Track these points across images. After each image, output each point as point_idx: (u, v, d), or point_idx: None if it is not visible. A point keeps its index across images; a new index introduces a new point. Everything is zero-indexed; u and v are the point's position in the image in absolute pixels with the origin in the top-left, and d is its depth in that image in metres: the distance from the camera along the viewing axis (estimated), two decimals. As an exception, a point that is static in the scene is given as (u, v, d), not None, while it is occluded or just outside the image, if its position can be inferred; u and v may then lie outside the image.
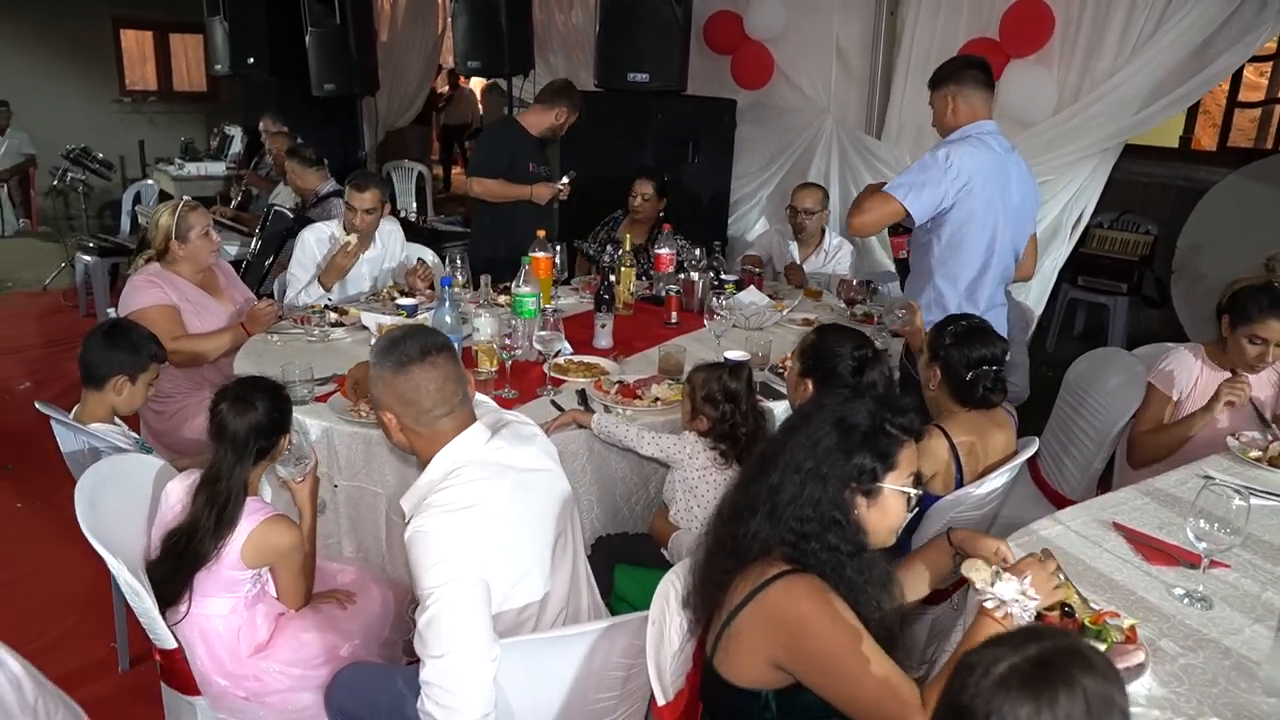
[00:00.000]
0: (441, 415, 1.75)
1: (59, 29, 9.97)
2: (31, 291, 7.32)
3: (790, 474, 1.51)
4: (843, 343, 2.28)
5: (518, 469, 1.78)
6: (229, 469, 1.97)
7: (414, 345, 1.74)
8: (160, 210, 3.18)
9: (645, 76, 4.92)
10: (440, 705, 1.55)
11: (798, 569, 1.47)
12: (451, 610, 1.57)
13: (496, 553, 1.68)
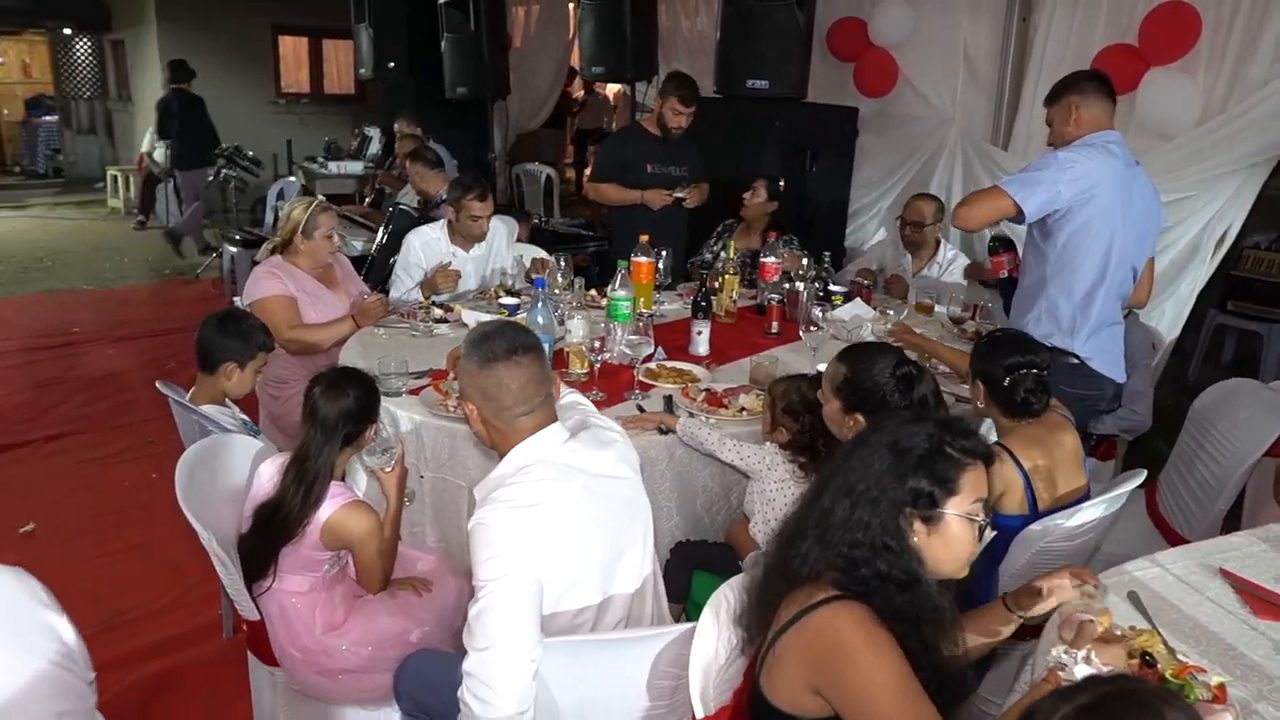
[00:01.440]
0: (521, 414, 1.77)
1: (225, 36, 10.68)
2: (185, 279, 7.87)
3: (841, 497, 1.48)
4: (878, 365, 2.12)
5: (590, 473, 1.79)
6: (317, 449, 2.06)
7: (502, 343, 1.77)
8: (295, 204, 3.36)
9: (764, 83, 4.88)
10: (477, 697, 1.58)
11: (847, 595, 1.43)
12: (500, 606, 1.59)
13: (555, 554, 1.69)
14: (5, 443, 4.45)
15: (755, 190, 4.35)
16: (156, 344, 5.98)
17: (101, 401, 5.02)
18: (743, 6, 4.86)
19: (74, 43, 12.74)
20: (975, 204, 2.80)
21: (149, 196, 9.91)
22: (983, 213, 2.79)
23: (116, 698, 2.66)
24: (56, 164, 13.10)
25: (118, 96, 12.59)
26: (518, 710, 1.57)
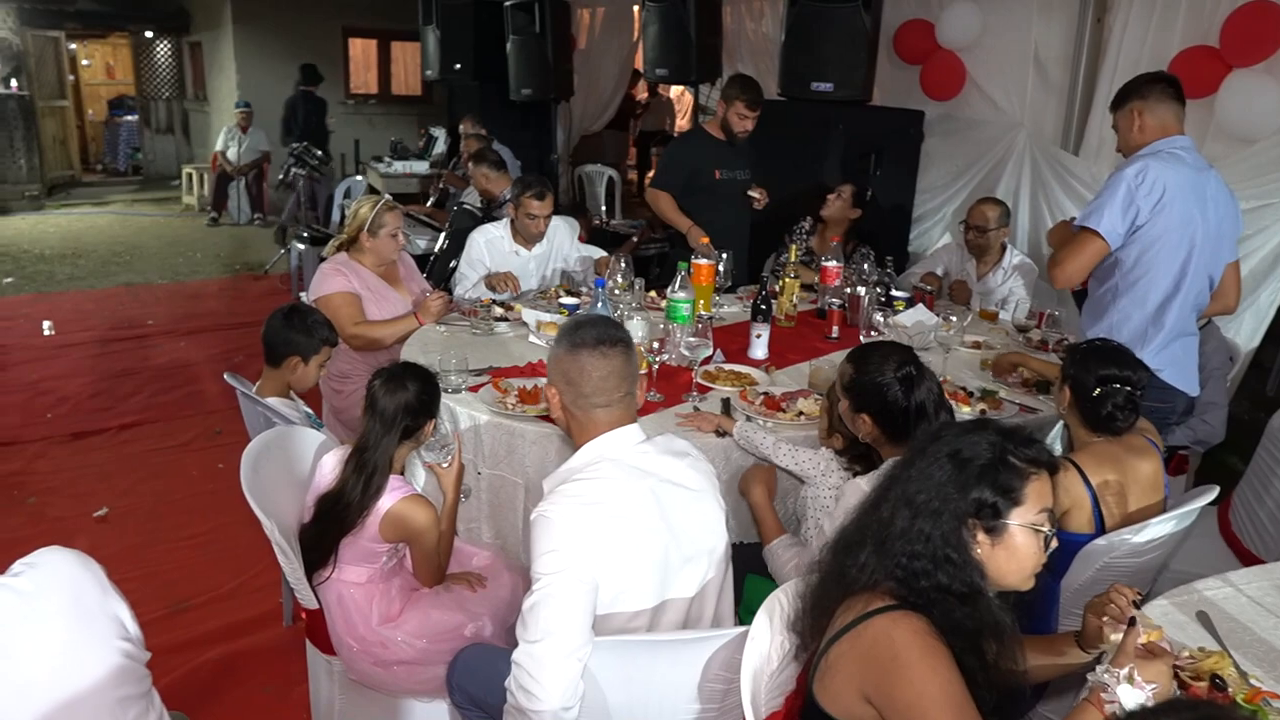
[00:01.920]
0: (598, 405, 1.79)
1: (298, 38, 10.92)
2: (255, 274, 8.07)
3: (901, 507, 1.45)
4: (883, 367, 2.11)
5: (659, 477, 1.78)
6: (375, 441, 2.10)
7: (592, 332, 1.80)
8: (362, 202, 3.43)
9: (829, 86, 4.83)
10: (523, 688, 1.59)
11: (905, 605, 1.40)
12: (554, 600, 1.60)
13: (614, 554, 1.69)
14: (82, 429, 4.61)
15: (840, 193, 4.32)
16: (225, 337, 6.14)
17: (172, 392, 5.17)
18: (808, 8, 4.81)
19: (155, 45, 13.16)
20: (1069, 259, 2.77)
21: (221, 194, 10.19)
22: (1081, 262, 2.76)
23: (181, 679, 2.74)
24: (136, 162, 13.53)
25: (194, 97, 12.96)
26: (561, 705, 1.58)
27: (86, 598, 1.30)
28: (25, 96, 10.81)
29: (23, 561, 1.30)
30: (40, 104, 11.28)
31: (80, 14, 11.70)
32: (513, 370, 2.84)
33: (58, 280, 7.69)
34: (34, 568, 1.28)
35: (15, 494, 3.92)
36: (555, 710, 1.57)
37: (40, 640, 1.24)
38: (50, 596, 1.26)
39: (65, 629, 1.26)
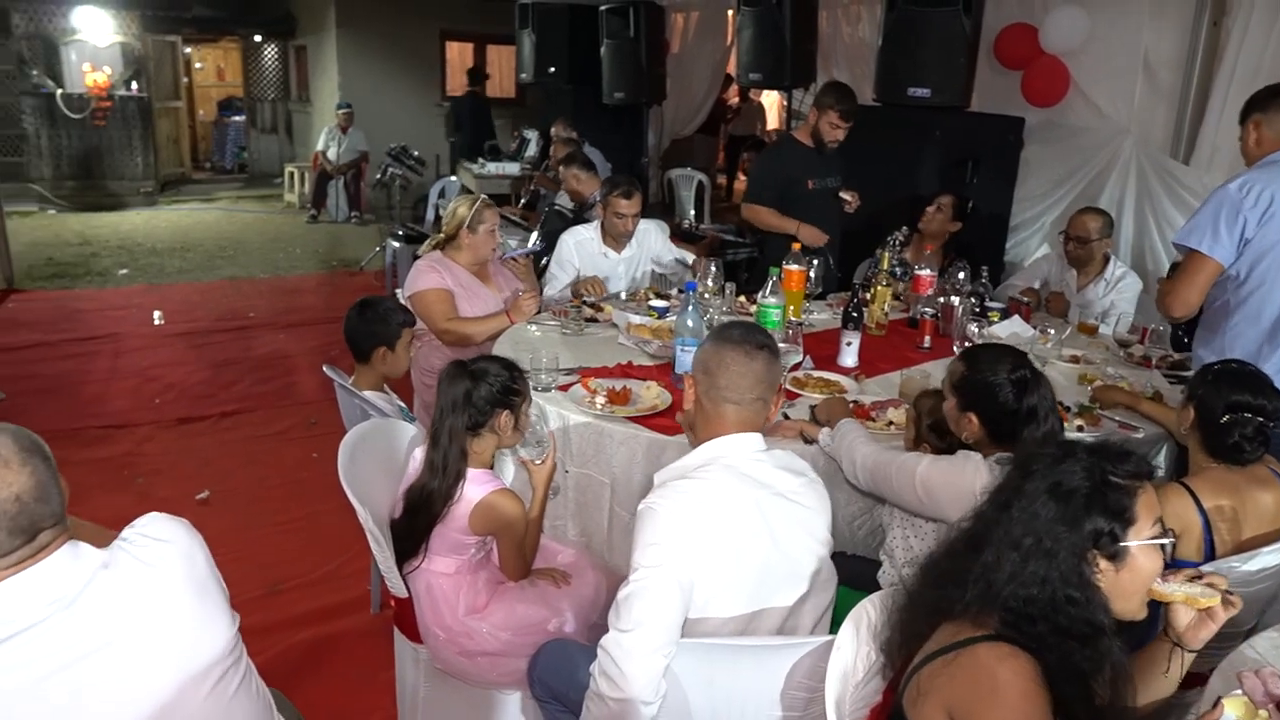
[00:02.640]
0: (729, 400, 1.81)
1: (397, 42, 11.25)
2: (351, 271, 8.31)
3: (1007, 551, 1.38)
4: (997, 367, 2.06)
5: (770, 490, 1.79)
6: (440, 430, 2.13)
7: (741, 331, 1.86)
8: (460, 201, 3.51)
9: (926, 91, 4.76)
10: (607, 675, 1.62)
11: (1013, 641, 1.33)
12: (649, 593, 1.63)
13: (712, 557, 1.69)
14: (187, 415, 4.81)
15: (939, 205, 4.22)
16: (321, 331, 6.33)
17: (271, 383, 5.35)
18: (907, 12, 4.75)
19: (263, 49, 13.68)
20: (1182, 286, 2.68)
21: (321, 192, 10.51)
22: (1197, 287, 2.67)
23: (275, 659, 2.83)
24: (242, 161, 14.08)
25: (297, 98, 13.43)
26: (642, 697, 1.60)
27: (199, 567, 1.36)
28: (144, 98, 11.34)
29: (137, 531, 1.36)
30: (157, 105, 11.82)
31: (196, 19, 12.24)
32: (602, 371, 2.86)
33: (167, 272, 8.04)
34: (150, 536, 1.34)
35: (125, 474, 4.12)
36: (635, 701, 1.59)
37: (171, 610, 1.30)
38: (173, 566, 1.33)
39: (190, 598, 1.33)
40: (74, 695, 1.19)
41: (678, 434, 2.44)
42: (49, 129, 10.81)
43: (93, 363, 5.61)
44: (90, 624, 1.22)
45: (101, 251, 8.68)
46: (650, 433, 2.45)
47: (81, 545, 1.28)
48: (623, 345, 3.15)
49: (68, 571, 1.24)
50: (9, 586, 1.20)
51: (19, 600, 1.19)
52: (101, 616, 1.24)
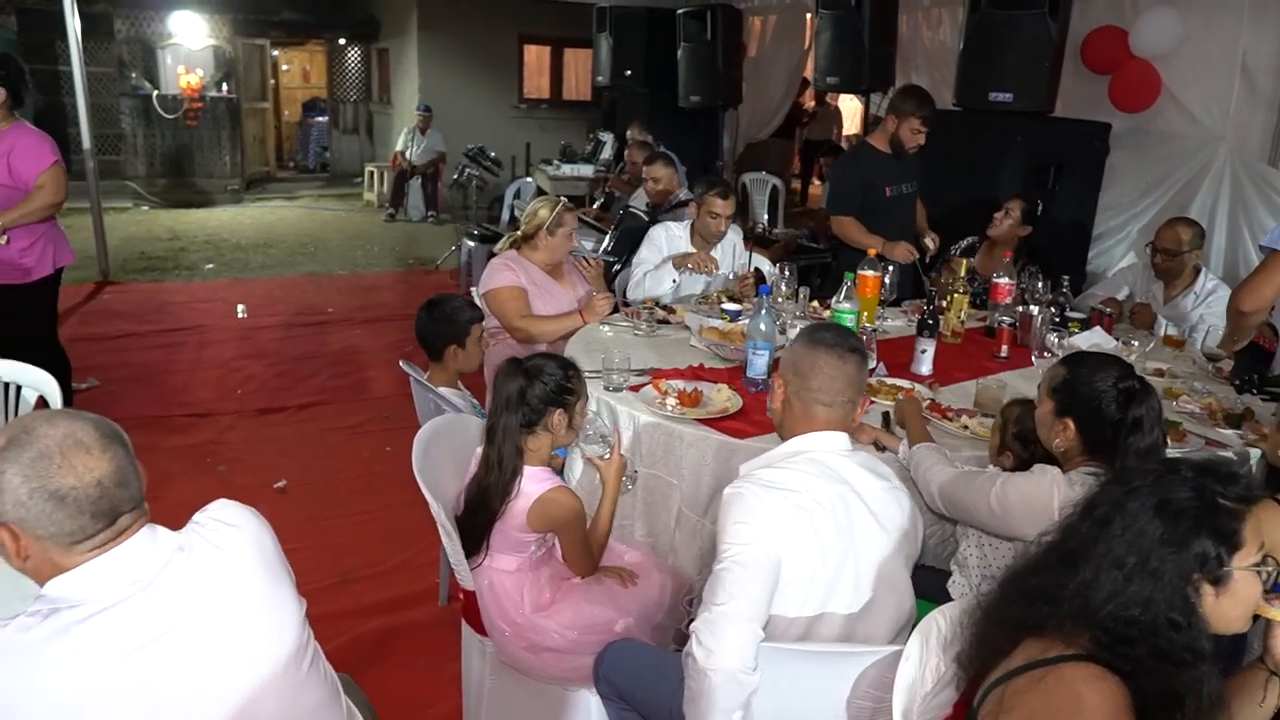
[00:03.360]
0: (820, 402, 1.86)
1: (476, 45, 11.43)
2: (426, 269, 8.46)
3: (1108, 570, 1.33)
4: (1103, 374, 2.00)
5: (853, 487, 1.81)
6: (498, 425, 2.15)
7: (834, 334, 1.91)
8: (541, 202, 3.55)
9: (1009, 96, 4.66)
10: (703, 646, 1.64)
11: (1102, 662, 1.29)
12: (740, 568, 1.66)
13: (797, 545, 1.71)
14: (266, 406, 4.95)
15: (1008, 211, 4.13)
16: (396, 328, 6.46)
17: (346, 377, 5.48)
18: (990, 15, 4.66)
19: (346, 51, 14.04)
20: (1259, 282, 2.61)
21: (399, 191, 10.73)
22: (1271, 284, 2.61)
23: (345, 646, 2.90)
24: (324, 160, 14.46)
25: (378, 99, 13.74)
26: (741, 667, 1.62)
27: (269, 552, 1.42)
28: (233, 99, 11.73)
29: (209, 516, 1.41)
30: (245, 106, 12.22)
31: (284, 23, 12.61)
32: (673, 372, 2.86)
33: (251, 268, 8.29)
34: (222, 522, 1.40)
35: (208, 461, 4.26)
36: (733, 670, 1.62)
37: (243, 592, 1.35)
38: (244, 550, 1.38)
39: (260, 581, 1.38)
40: (153, 673, 1.23)
41: (748, 437, 2.43)
42: (144, 129, 11.25)
43: (179, 353, 5.82)
44: (168, 604, 1.27)
45: (190, 246, 8.99)
46: (720, 435, 2.45)
47: (159, 529, 1.33)
48: (694, 348, 3.15)
49: (146, 554, 1.29)
50: (91, 568, 1.25)
51: (100, 580, 1.25)
52: (178, 597, 1.29)
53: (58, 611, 1.22)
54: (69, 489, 1.22)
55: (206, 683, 1.28)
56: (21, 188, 3.88)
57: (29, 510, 1.21)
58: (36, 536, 1.23)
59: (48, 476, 1.21)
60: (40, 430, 1.24)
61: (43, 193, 3.90)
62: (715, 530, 2.44)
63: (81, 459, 1.23)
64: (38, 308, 4.15)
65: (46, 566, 1.25)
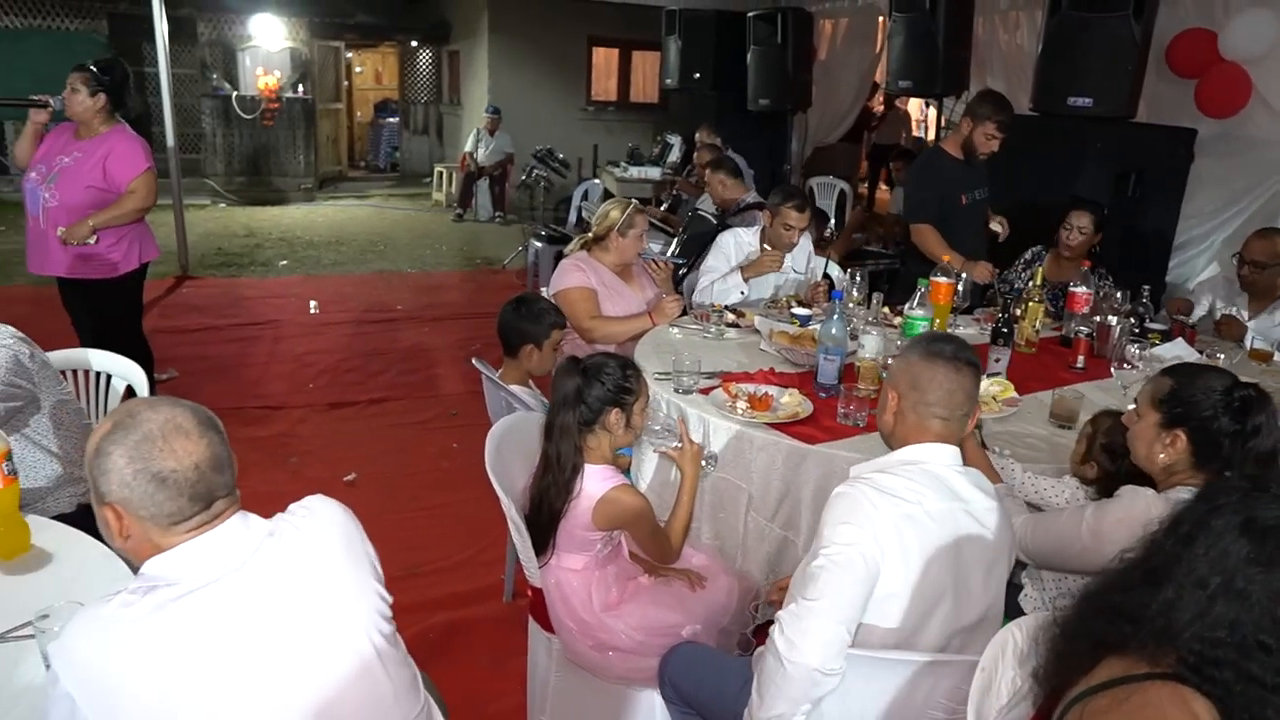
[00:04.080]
0: (937, 416, 1.82)
1: (545, 47, 11.53)
2: (494, 269, 8.56)
3: (1192, 590, 1.28)
4: (1213, 383, 1.92)
5: (966, 505, 1.77)
6: (556, 423, 2.17)
7: (951, 346, 1.85)
8: (613, 204, 3.58)
9: (1088, 101, 4.55)
10: (788, 639, 1.63)
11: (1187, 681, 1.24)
12: (839, 569, 1.63)
13: (902, 555, 1.68)
14: (337, 401, 5.06)
15: (1078, 228, 4.00)
16: (463, 326, 6.56)
17: (415, 374, 5.57)
18: (1071, 18, 4.55)
19: (418, 54, 14.27)
20: None
21: (468, 192, 10.88)
22: None
23: (411, 639, 2.86)
24: (394, 160, 14.72)
25: (448, 101, 13.94)
26: (821, 666, 1.60)
27: (355, 543, 1.46)
28: (308, 100, 12.02)
29: (300, 506, 1.47)
30: (319, 106, 12.50)
31: (359, 26, 12.88)
32: (742, 376, 2.86)
33: (323, 264, 8.48)
34: (311, 511, 1.45)
35: (280, 453, 4.36)
36: (813, 667, 1.60)
37: (331, 577, 1.40)
38: (331, 539, 1.43)
39: (347, 569, 1.42)
40: (242, 651, 1.28)
41: (819, 443, 2.42)
42: (224, 128, 11.59)
43: (254, 346, 5.97)
44: (258, 586, 1.32)
45: (265, 243, 9.23)
46: (791, 440, 2.43)
47: (251, 515, 1.39)
48: (764, 351, 3.14)
49: (238, 538, 1.34)
50: (187, 549, 1.30)
51: (195, 562, 1.30)
52: (268, 579, 1.34)
53: (155, 589, 1.27)
54: (170, 471, 1.28)
55: (293, 663, 1.32)
56: (114, 191, 4.03)
57: (133, 491, 1.27)
58: (138, 517, 1.29)
59: (150, 459, 1.27)
60: (143, 415, 1.30)
61: (133, 197, 4.05)
62: (783, 534, 2.45)
63: (181, 443, 1.29)
64: (124, 301, 4.30)
65: (146, 546, 1.31)
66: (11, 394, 2.29)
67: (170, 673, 1.23)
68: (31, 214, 4.07)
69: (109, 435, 1.29)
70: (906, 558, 1.68)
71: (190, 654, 1.24)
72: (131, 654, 1.22)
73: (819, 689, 1.63)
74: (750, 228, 4.05)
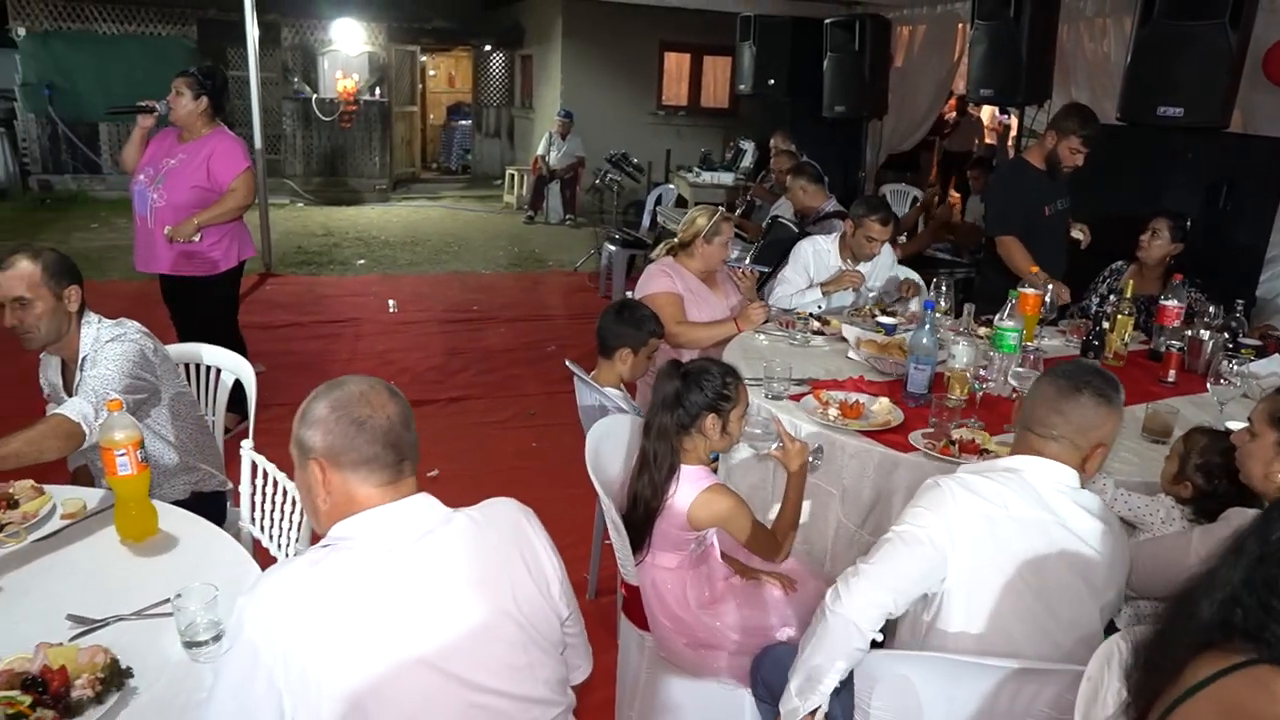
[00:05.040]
0: (1033, 431, 1.84)
1: (618, 52, 11.63)
2: (565, 271, 8.68)
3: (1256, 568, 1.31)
4: None
5: (1061, 519, 1.76)
6: (654, 424, 2.23)
7: (1098, 379, 1.86)
8: (700, 211, 3.63)
9: (1179, 111, 4.46)
10: (836, 590, 1.75)
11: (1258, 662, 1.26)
12: (905, 547, 1.72)
13: (964, 548, 1.71)
14: (419, 398, 5.18)
15: (1154, 231, 3.98)
16: (538, 327, 6.67)
17: (494, 374, 5.69)
18: (1164, 26, 4.47)
19: (491, 57, 14.50)
20: None
21: (539, 194, 11.03)
22: None
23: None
24: (465, 162, 14.98)
25: (520, 104, 14.14)
26: (858, 621, 1.70)
27: (520, 540, 1.58)
28: (384, 103, 12.29)
29: (483, 503, 1.61)
30: (395, 109, 12.77)
31: (435, 30, 13.14)
32: (831, 383, 2.89)
33: (399, 264, 8.68)
34: (488, 506, 1.60)
35: (367, 449, 4.49)
36: (850, 620, 1.70)
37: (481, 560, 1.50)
38: (497, 528, 1.56)
39: (494, 555, 1.52)
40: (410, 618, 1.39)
41: (912, 451, 2.44)
42: (303, 130, 11.92)
43: (337, 344, 6.16)
44: (430, 560, 1.45)
45: (342, 242, 9.48)
46: (883, 448, 2.46)
47: (433, 498, 1.52)
48: (852, 359, 3.17)
49: (420, 514, 1.49)
50: (373, 515, 1.44)
51: (378, 528, 1.44)
52: (439, 555, 1.46)
53: (338, 551, 1.41)
54: (366, 417, 1.45)
55: (448, 635, 1.41)
56: (217, 190, 4.20)
57: (335, 437, 1.44)
58: (339, 467, 1.44)
59: (350, 407, 1.45)
60: (345, 380, 1.51)
61: (235, 195, 4.22)
62: (872, 540, 2.47)
63: (377, 398, 1.48)
64: (222, 297, 4.48)
65: (340, 504, 1.45)
66: (139, 386, 2.42)
67: (343, 627, 1.33)
68: (139, 214, 4.26)
69: (315, 395, 1.48)
70: (977, 555, 1.71)
71: (362, 611, 1.35)
72: (313, 607, 1.33)
73: (852, 644, 1.71)
74: (830, 235, 4.08)
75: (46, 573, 1.93)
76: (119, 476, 2.02)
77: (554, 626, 1.59)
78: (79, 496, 2.21)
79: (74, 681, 1.51)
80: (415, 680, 1.37)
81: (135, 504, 2.07)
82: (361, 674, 1.32)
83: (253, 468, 2.39)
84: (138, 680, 1.58)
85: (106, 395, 2.26)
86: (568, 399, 5.27)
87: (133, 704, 1.54)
